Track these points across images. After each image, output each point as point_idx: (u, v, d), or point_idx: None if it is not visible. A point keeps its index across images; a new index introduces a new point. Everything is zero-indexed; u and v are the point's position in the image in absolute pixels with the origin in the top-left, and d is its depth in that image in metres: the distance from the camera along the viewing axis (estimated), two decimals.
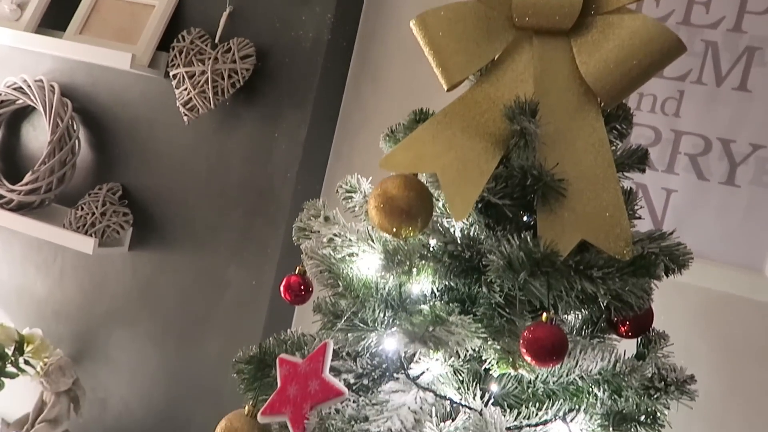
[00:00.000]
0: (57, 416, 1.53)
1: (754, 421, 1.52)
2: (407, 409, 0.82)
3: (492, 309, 0.89)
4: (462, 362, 0.91)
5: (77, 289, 1.86)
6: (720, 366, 1.53)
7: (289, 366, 0.88)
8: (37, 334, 1.80)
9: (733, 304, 1.52)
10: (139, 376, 1.79)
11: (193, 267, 1.74)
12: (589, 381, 0.85)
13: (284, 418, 0.85)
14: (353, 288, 0.89)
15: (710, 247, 1.53)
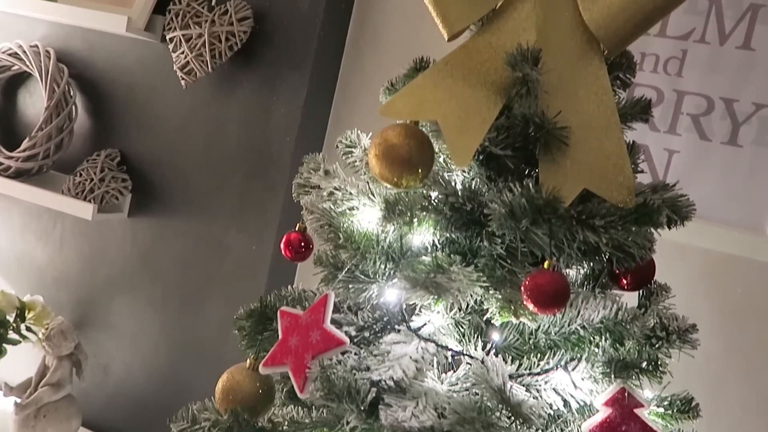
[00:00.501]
0: (59, 380, 1.54)
1: (754, 380, 1.52)
2: (409, 358, 0.82)
3: (493, 260, 0.88)
4: (463, 314, 0.91)
5: (77, 256, 1.86)
6: (721, 327, 1.53)
7: (290, 318, 0.88)
8: (38, 300, 1.80)
9: (735, 264, 1.52)
10: (140, 341, 1.80)
11: (193, 232, 1.74)
12: (590, 330, 0.85)
13: (286, 369, 0.86)
14: (354, 240, 0.89)
15: (712, 207, 1.52)
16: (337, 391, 0.78)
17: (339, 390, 0.78)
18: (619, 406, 0.82)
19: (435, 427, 0.75)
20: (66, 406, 1.57)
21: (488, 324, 0.92)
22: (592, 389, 0.84)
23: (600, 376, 0.83)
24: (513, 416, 0.73)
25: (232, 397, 0.91)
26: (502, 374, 0.75)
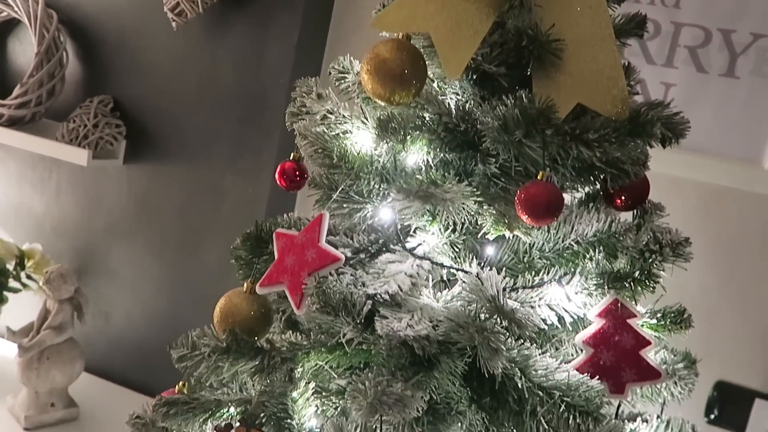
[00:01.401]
0: (61, 323, 1.55)
1: (747, 311, 1.54)
2: (404, 274, 0.83)
3: (487, 179, 0.88)
4: (458, 235, 0.91)
5: (74, 205, 1.86)
6: (716, 260, 1.54)
7: (285, 239, 0.88)
8: (37, 249, 1.81)
9: (731, 197, 1.52)
10: (140, 287, 1.81)
11: (189, 177, 1.74)
12: (584, 245, 0.85)
13: (282, 287, 0.86)
14: (348, 160, 0.88)
15: (709, 140, 1.52)
16: (332, 303, 0.78)
17: (335, 303, 0.78)
18: (612, 317, 0.83)
19: (430, 335, 0.76)
20: (69, 349, 1.59)
21: (482, 245, 0.92)
22: (586, 302, 0.85)
23: (593, 289, 0.83)
24: (507, 322, 0.74)
25: (230, 320, 0.92)
26: (495, 284, 0.75)
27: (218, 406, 0.93)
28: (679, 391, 0.94)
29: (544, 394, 0.81)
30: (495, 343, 0.73)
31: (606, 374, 0.81)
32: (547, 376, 0.82)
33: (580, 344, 0.84)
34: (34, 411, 1.56)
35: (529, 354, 0.84)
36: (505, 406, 0.92)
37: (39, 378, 1.54)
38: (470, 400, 0.90)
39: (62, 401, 1.60)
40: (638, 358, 0.82)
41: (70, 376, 1.59)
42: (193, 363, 0.99)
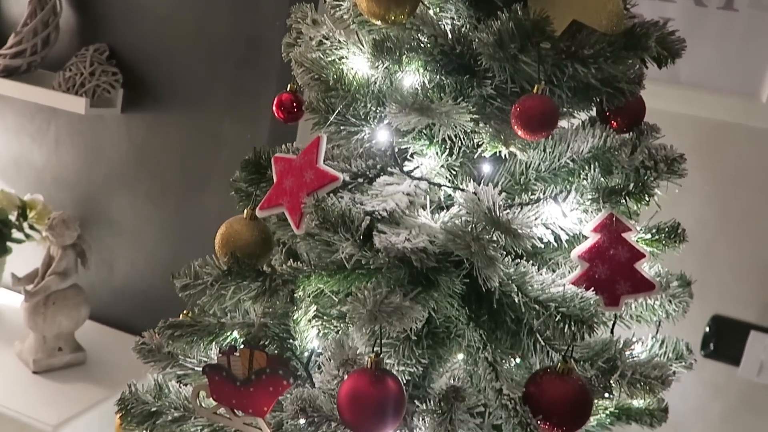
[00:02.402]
0: (65, 269, 1.57)
1: (744, 245, 1.56)
2: (401, 193, 0.84)
3: (483, 100, 0.89)
4: (455, 158, 0.92)
5: (74, 156, 1.86)
6: (712, 194, 1.55)
7: (284, 162, 0.89)
8: (38, 199, 1.82)
9: (728, 131, 1.52)
10: (142, 236, 1.83)
11: (188, 125, 1.74)
12: (580, 162, 0.86)
13: (282, 209, 0.87)
14: (344, 83, 0.89)
15: (707, 75, 1.52)
16: (331, 219, 0.79)
17: (333, 218, 0.79)
18: (607, 231, 0.84)
19: (427, 248, 0.78)
20: (74, 295, 1.61)
21: (479, 168, 0.93)
22: (581, 219, 0.86)
23: (589, 205, 0.84)
24: (503, 233, 0.75)
25: (231, 246, 0.93)
26: (491, 197, 0.76)
27: (222, 329, 0.95)
28: (674, 309, 0.95)
29: (540, 307, 0.83)
30: (491, 251, 0.74)
31: (601, 287, 0.83)
32: (543, 290, 0.83)
33: (575, 259, 0.85)
34: (42, 355, 1.59)
35: (525, 271, 0.86)
36: (502, 326, 0.93)
37: (45, 322, 1.57)
38: (468, 319, 0.92)
39: (69, 346, 1.63)
40: (633, 271, 0.84)
41: (76, 320, 1.62)
42: (196, 292, 1.00)
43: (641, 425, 1.06)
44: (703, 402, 1.61)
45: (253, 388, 0.91)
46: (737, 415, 1.59)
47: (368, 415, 0.77)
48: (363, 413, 0.77)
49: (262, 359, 0.91)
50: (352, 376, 0.79)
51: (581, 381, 0.81)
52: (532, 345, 0.91)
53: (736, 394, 1.59)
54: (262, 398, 0.91)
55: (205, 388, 0.95)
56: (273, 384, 0.90)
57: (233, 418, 0.93)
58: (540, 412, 0.79)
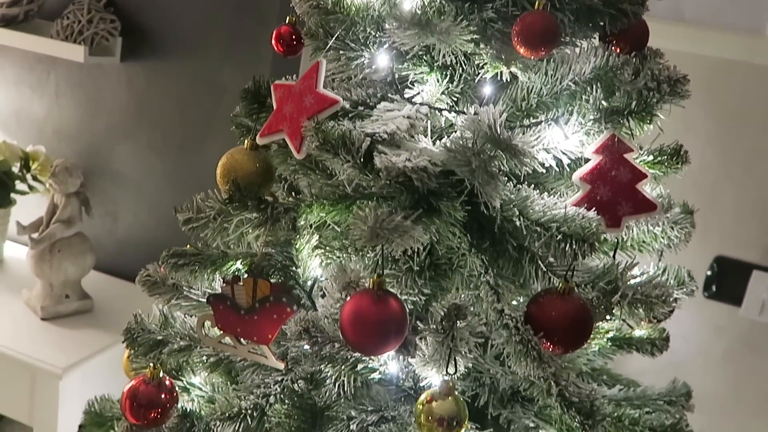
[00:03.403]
0: (70, 217, 1.58)
1: (747, 185, 1.55)
2: (402, 117, 0.83)
3: (484, 23, 0.88)
4: (456, 84, 0.91)
5: (74, 107, 1.86)
6: (717, 135, 1.54)
7: (283, 89, 0.88)
8: (40, 150, 1.82)
9: (732, 69, 1.51)
10: (145, 186, 1.83)
11: (187, 73, 1.73)
12: (582, 84, 0.85)
13: (282, 135, 0.87)
14: (343, 6, 0.88)
15: (710, 12, 1.49)
16: (332, 141, 0.79)
17: (334, 140, 0.79)
18: (609, 152, 0.84)
19: (428, 168, 0.77)
20: (79, 243, 1.62)
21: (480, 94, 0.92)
22: (583, 141, 0.85)
23: (590, 125, 0.84)
24: (504, 151, 0.75)
25: (232, 176, 0.93)
26: (492, 115, 0.76)
27: (225, 258, 0.96)
28: (676, 235, 0.95)
29: (541, 229, 0.83)
30: (492, 167, 0.74)
31: (603, 209, 0.83)
32: (545, 213, 0.83)
33: (576, 181, 0.85)
34: (50, 302, 1.60)
35: (527, 195, 0.86)
36: (504, 255, 0.94)
37: (52, 270, 1.58)
38: (470, 245, 0.92)
39: (76, 293, 1.65)
40: (634, 192, 0.83)
41: (82, 268, 1.63)
42: (199, 225, 1.01)
43: (642, 354, 1.07)
44: (705, 343, 1.63)
45: (257, 316, 0.92)
46: (738, 354, 1.61)
47: (371, 335, 0.78)
48: (365, 332, 0.78)
49: (265, 287, 0.92)
50: (355, 296, 0.79)
51: (582, 300, 0.81)
52: (534, 272, 0.92)
53: (737, 334, 1.60)
54: (267, 326, 0.92)
55: (210, 318, 0.96)
56: (277, 311, 0.91)
57: (238, 346, 0.94)
58: (541, 331, 0.79)
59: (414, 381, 0.93)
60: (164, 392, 0.98)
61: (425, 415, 0.80)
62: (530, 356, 0.77)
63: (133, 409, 0.97)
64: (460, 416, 0.80)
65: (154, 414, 0.97)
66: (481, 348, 0.98)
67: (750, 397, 1.61)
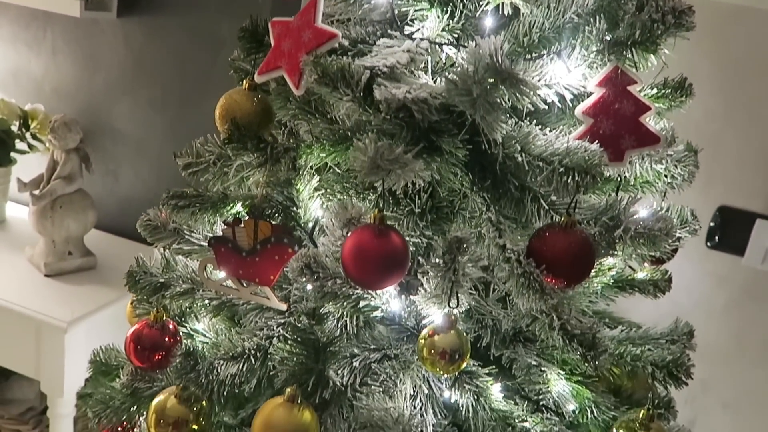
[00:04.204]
0: (70, 173, 1.57)
1: (751, 134, 1.54)
2: (402, 51, 0.82)
3: None
4: (457, 20, 0.90)
5: (72, 64, 1.84)
6: (722, 83, 1.52)
7: (281, 25, 0.87)
8: (39, 109, 1.81)
9: (738, 16, 1.48)
10: (145, 144, 1.82)
11: (186, 28, 1.70)
12: (585, 16, 0.84)
13: (280, 72, 0.86)
14: None
15: None
16: (330, 74, 0.78)
17: (333, 73, 0.78)
18: (612, 84, 0.82)
19: (428, 100, 0.76)
20: (80, 199, 1.62)
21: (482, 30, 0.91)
22: (586, 75, 0.84)
23: (593, 57, 0.82)
24: (506, 81, 0.74)
25: (231, 117, 0.92)
26: (493, 44, 0.74)
27: (225, 200, 0.95)
28: (679, 173, 0.95)
29: (543, 164, 0.82)
30: (493, 96, 0.73)
31: (606, 143, 0.82)
32: (547, 147, 0.82)
33: (579, 115, 0.84)
34: (53, 259, 1.61)
35: (529, 131, 0.85)
36: (506, 195, 0.93)
37: (54, 226, 1.58)
38: (472, 184, 0.91)
39: (79, 250, 1.65)
40: (638, 125, 0.82)
41: (84, 224, 1.63)
42: (199, 170, 1.00)
43: (644, 295, 1.07)
44: (707, 293, 1.63)
45: (258, 257, 0.92)
46: (741, 304, 1.61)
47: (372, 269, 0.78)
48: (367, 267, 0.78)
49: (266, 229, 0.92)
50: (356, 231, 0.79)
51: (584, 233, 0.81)
52: (536, 211, 0.91)
53: (740, 283, 1.60)
54: (268, 267, 0.92)
55: (211, 261, 0.96)
56: (278, 252, 0.91)
57: (240, 288, 0.95)
58: (543, 264, 0.79)
59: (416, 320, 0.93)
60: (168, 335, 0.99)
61: (428, 349, 0.80)
62: (532, 288, 0.77)
63: (137, 352, 0.98)
64: (462, 349, 0.80)
65: (158, 356, 0.98)
66: (484, 290, 0.98)
67: (752, 346, 1.62)
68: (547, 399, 0.92)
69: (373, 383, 0.85)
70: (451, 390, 0.89)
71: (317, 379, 0.84)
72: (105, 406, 1.03)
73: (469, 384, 0.88)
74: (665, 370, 0.89)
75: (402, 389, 0.86)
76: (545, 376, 0.93)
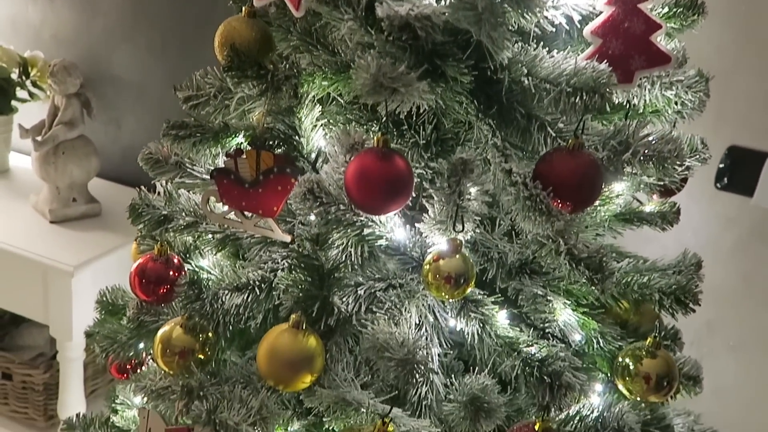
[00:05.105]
0: (71, 118, 1.56)
1: (762, 69, 1.50)
2: None
3: None
4: None
5: (70, 10, 1.81)
6: (735, 18, 1.48)
7: None
8: (38, 56, 1.79)
9: None
10: (147, 91, 1.80)
11: None
12: None
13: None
14: None
15: None
16: None
17: None
18: (622, 2, 0.80)
19: (432, 17, 0.74)
20: (83, 145, 1.61)
21: None
22: None
23: None
24: None
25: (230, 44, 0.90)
26: None
27: (226, 129, 0.94)
28: (690, 99, 0.92)
29: (550, 86, 0.80)
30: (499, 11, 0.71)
31: (615, 63, 0.79)
32: (554, 69, 0.80)
33: (587, 36, 0.82)
34: (58, 205, 1.61)
35: (536, 54, 0.83)
36: (512, 123, 0.92)
37: (57, 172, 1.57)
38: (477, 111, 0.90)
39: (83, 197, 1.65)
40: (648, 44, 0.80)
41: (87, 171, 1.62)
42: (199, 102, 0.99)
43: (652, 227, 1.06)
44: (715, 234, 1.61)
45: (261, 188, 0.91)
46: (749, 245, 1.60)
47: (376, 192, 0.77)
48: (371, 190, 0.77)
49: (269, 159, 0.91)
50: (359, 155, 0.78)
51: (592, 156, 0.79)
52: (543, 140, 0.90)
53: (748, 224, 1.58)
54: (272, 198, 0.91)
55: (214, 194, 0.95)
56: (281, 183, 0.90)
57: (244, 221, 0.94)
58: (549, 187, 0.78)
59: (421, 250, 0.93)
60: (172, 269, 0.98)
61: (432, 274, 0.80)
62: (538, 210, 0.76)
63: (142, 285, 0.98)
64: (468, 274, 0.80)
65: (163, 290, 0.98)
66: (489, 225, 0.97)
67: (759, 288, 1.61)
68: (553, 327, 0.92)
69: (378, 311, 0.85)
70: (456, 319, 0.88)
71: (322, 305, 0.84)
72: (112, 341, 1.04)
73: (474, 312, 0.87)
74: (672, 297, 0.89)
75: (407, 317, 0.86)
76: (551, 306, 0.93)
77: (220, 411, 0.80)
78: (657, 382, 0.89)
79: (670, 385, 0.90)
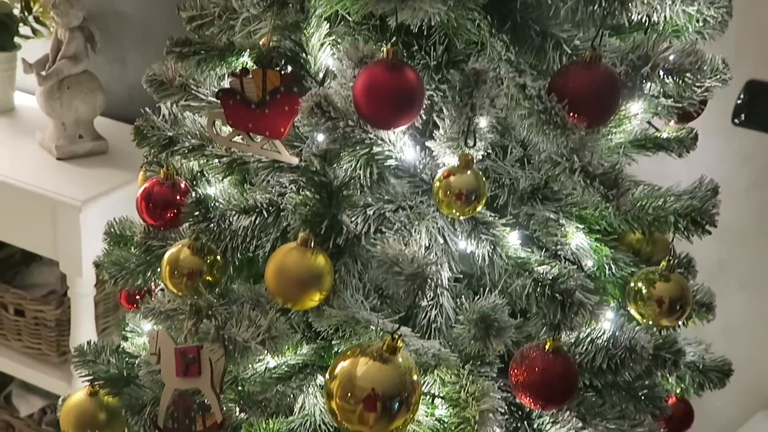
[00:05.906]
0: (75, 53, 1.53)
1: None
2: None
3: None
4: None
5: None
6: None
7: None
8: None
9: None
10: (151, 26, 1.76)
11: None
12: None
13: None
14: None
15: None
16: None
17: None
18: None
19: None
20: (88, 80, 1.58)
21: None
22: None
23: None
24: None
25: None
26: None
27: (231, 47, 0.91)
28: (712, 15, 0.89)
29: None
30: None
31: None
32: None
33: None
34: (64, 142, 1.59)
35: None
36: (526, 42, 0.89)
37: (62, 107, 1.56)
38: (491, 27, 0.87)
39: (89, 134, 1.63)
40: None
41: (92, 106, 1.60)
42: (204, 23, 0.96)
43: (669, 153, 1.04)
44: (731, 172, 1.58)
45: (268, 109, 0.89)
46: (764, 183, 1.57)
47: (385, 105, 0.75)
48: (380, 103, 0.75)
49: (275, 79, 0.88)
50: (368, 68, 0.75)
51: (609, 68, 0.76)
52: (558, 58, 0.87)
53: (765, 161, 1.55)
54: (279, 119, 0.89)
55: (220, 116, 0.93)
56: (288, 103, 0.88)
57: (251, 143, 0.92)
58: (565, 99, 0.75)
59: (431, 173, 0.91)
60: (179, 193, 0.97)
61: (443, 191, 0.78)
62: (553, 123, 0.74)
63: (149, 209, 0.97)
64: (480, 191, 0.78)
65: (170, 214, 0.97)
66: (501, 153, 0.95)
67: None
68: (566, 251, 0.91)
69: (387, 231, 0.83)
70: (467, 241, 0.87)
71: (330, 224, 0.82)
72: (120, 268, 1.03)
73: (485, 234, 0.86)
74: (688, 218, 0.87)
75: (417, 238, 0.85)
76: (563, 230, 0.91)
77: (228, 328, 0.80)
78: (670, 305, 0.88)
79: (682, 309, 0.89)
